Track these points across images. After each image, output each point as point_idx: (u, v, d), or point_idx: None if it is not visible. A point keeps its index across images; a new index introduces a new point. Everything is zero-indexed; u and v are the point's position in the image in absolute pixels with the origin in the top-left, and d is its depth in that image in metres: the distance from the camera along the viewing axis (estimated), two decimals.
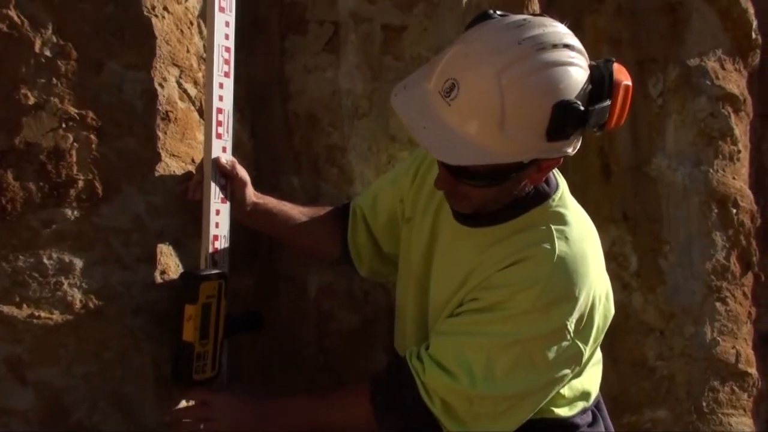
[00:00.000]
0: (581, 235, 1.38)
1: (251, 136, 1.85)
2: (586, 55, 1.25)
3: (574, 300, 1.31)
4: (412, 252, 1.55)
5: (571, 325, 1.31)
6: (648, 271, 2.34)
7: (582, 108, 1.19)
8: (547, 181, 1.40)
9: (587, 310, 1.33)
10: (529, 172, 1.29)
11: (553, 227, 1.34)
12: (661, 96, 2.35)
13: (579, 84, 1.20)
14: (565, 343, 1.32)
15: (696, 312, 2.35)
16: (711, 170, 2.40)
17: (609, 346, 1.76)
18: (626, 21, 2.32)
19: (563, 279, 1.31)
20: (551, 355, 1.31)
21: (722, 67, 2.46)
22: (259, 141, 1.90)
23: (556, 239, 1.33)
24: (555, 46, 1.20)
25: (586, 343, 1.35)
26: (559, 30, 1.23)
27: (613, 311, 1.44)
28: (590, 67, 1.23)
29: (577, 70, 1.21)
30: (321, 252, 1.74)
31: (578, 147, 1.29)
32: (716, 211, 2.40)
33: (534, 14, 1.60)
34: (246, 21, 1.90)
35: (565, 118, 1.18)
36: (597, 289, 1.36)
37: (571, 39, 1.24)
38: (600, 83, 1.22)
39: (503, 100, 1.18)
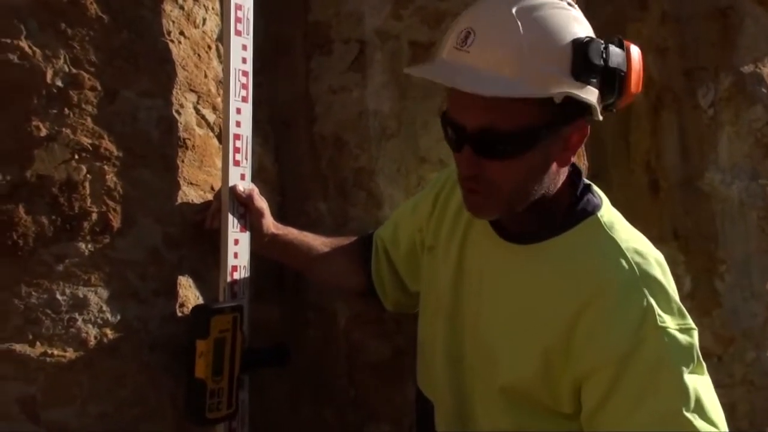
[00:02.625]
0: (641, 239, 1.28)
1: (275, 161, 1.79)
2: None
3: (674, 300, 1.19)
4: (438, 283, 1.45)
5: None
6: (703, 292, 2.21)
7: (602, 44, 1.15)
8: (589, 196, 1.30)
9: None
10: (554, 147, 1.19)
11: (619, 242, 1.22)
12: (712, 106, 2.22)
13: (591, 32, 1.19)
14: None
15: (757, 336, 2.21)
16: None
17: None
18: (672, 28, 2.21)
19: (658, 290, 1.18)
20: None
21: None
22: (285, 165, 1.85)
23: (629, 257, 1.20)
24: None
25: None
26: None
27: None
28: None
29: (586, 23, 1.20)
30: (345, 285, 1.66)
31: (600, 116, 1.21)
32: None
33: None
34: (270, 42, 1.87)
35: (587, 52, 1.14)
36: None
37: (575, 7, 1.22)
38: (611, 40, 1.19)
39: (522, 33, 1.13)
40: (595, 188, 1.34)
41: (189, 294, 1.46)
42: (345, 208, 1.81)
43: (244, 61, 1.46)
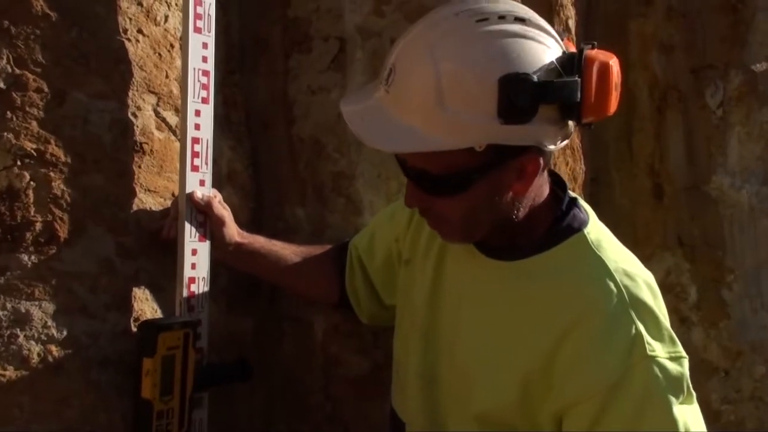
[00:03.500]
0: (630, 258, 1.18)
1: (250, 164, 1.70)
2: (556, 36, 1.07)
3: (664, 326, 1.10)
4: (413, 298, 1.35)
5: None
6: (709, 303, 2.08)
7: (535, 80, 1.00)
8: (575, 211, 1.20)
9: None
10: (505, 177, 1.09)
11: (607, 263, 1.13)
12: (721, 106, 2.09)
13: (536, 59, 1.02)
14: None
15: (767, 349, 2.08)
16: None
17: None
18: (678, 24, 2.08)
19: (648, 316, 1.09)
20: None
21: None
22: (263, 169, 1.76)
23: (617, 279, 1.11)
24: (502, 17, 1.03)
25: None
26: (513, 5, 1.07)
27: None
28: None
29: (533, 45, 1.03)
30: (318, 296, 1.58)
31: (561, 143, 1.10)
32: None
33: None
34: (247, 40, 1.78)
35: (515, 92, 0.99)
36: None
37: (527, 14, 1.06)
38: (568, 60, 1.04)
39: (439, 77, 1.01)
40: (582, 202, 1.25)
41: (145, 308, 1.38)
42: (323, 214, 1.72)
43: (204, 60, 1.37)
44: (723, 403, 2.07)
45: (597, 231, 1.20)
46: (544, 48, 1.04)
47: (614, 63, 1.07)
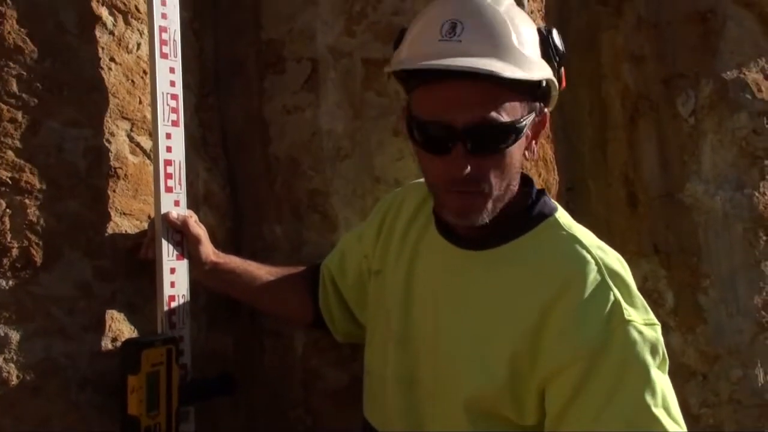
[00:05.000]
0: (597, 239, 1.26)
1: (226, 184, 1.74)
2: None
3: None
4: (386, 306, 1.39)
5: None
6: (686, 308, 2.11)
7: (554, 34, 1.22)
8: (545, 198, 1.29)
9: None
10: (531, 130, 1.22)
11: (580, 239, 1.22)
12: (693, 115, 2.12)
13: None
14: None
15: (744, 353, 2.10)
16: (756, 193, 2.14)
17: None
18: (648, 35, 2.11)
19: (622, 285, 1.17)
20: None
21: (766, 78, 2.21)
22: (242, 188, 1.80)
23: (592, 252, 1.19)
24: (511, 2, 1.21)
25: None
26: None
27: None
28: None
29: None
30: (292, 316, 1.62)
31: (555, 103, 1.27)
32: (765, 238, 2.14)
33: None
34: (223, 63, 1.82)
35: (553, 39, 1.20)
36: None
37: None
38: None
39: (514, 25, 1.15)
40: (548, 196, 1.32)
41: (123, 328, 1.42)
42: (300, 231, 1.76)
43: (172, 84, 1.42)
44: (702, 406, 2.10)
45: (566, 216, 1.28)
46: None
47: None
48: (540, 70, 1.16)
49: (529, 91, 1.17)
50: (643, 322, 1.14)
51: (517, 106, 1.15)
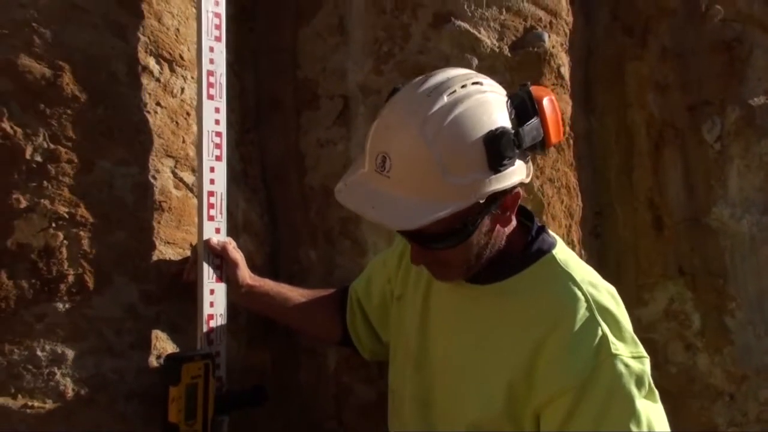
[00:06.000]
0: (593, 273, 1.36)
1: (265, 213, 1.89)
2: (501, 88, 1.26)
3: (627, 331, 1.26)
4: (406, 330, 1.51)
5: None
6: (713, 330, 2.16)
7: (512, 131, 1.19)
8: (544, 235, 1.38)
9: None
10: (493, 215, 1.26)
11: (574, 276, 1.30)
12: (719, 140, 2.17)
13: (501, 112, 1.21)
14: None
15: None
16: None
17: (672, 412, 1.62)
18: (673, 64, 2.17)
19: (611, 320, 1.26)
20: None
21: None
22: (280, 216, 1.94)
23: (584, 289, 1.28)
24: (463, 86, 1.20)
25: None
26: (463, 71, 1.25)
27: None
28: (508, 95, 1.24)
29: (495, 98, 1.22)
30: (322, 335, 1.74)
31: (531, 173, 1.28)
32: None
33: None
34: (263, 100, 1.97)
35: (499, 146, 1.17)
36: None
37: (478, 77, 1.24)
38: (522, 105, 1.23)
39: (436, 153, 1.16)
40: (549, 231, 1.41)
41: (167, 346, 1.56)
42: (332, 256, 1.89)
43: (217, 122, 1.56)
44: (730, 425, 2.13)
45: (564, 252, 1.38)
46: (501, 99, 1.23)
47: (551, 95, 1.27)
48: (475, 191, 1.18)
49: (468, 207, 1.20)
50: (630, 355, 1.22)
51: (458, 216, 1.20)
